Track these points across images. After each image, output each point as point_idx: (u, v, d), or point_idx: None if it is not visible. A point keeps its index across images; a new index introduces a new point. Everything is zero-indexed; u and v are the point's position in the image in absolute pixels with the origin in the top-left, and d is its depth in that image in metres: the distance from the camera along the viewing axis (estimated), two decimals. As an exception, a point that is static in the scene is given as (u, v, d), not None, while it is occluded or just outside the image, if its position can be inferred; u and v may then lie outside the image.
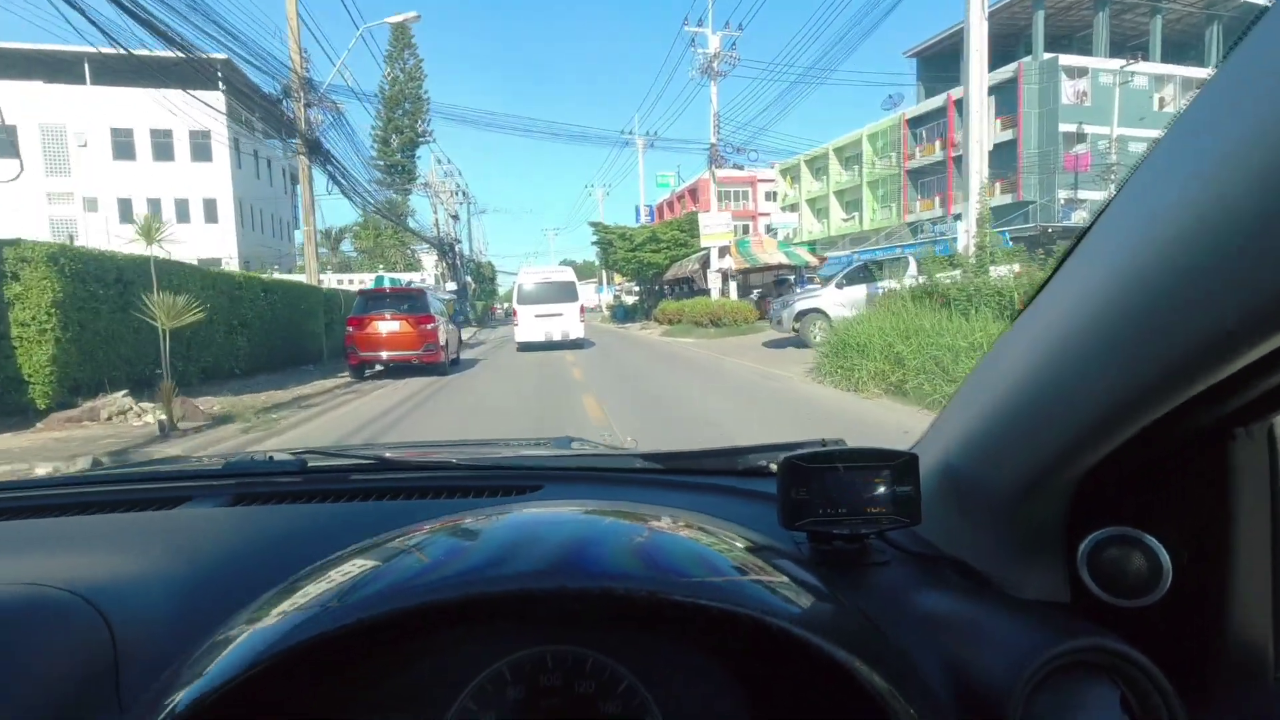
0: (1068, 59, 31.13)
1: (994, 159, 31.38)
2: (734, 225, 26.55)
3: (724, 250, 24.68)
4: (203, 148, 32.34)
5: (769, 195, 49.63)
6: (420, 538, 0.67)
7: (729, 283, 24.84)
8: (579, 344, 17.19)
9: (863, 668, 0.52)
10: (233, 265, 29.54)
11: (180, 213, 33.25)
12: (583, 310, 17.87)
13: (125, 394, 7.32)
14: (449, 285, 35.13)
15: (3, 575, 0.70)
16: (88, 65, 29.41)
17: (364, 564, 0.62)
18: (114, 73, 24.53)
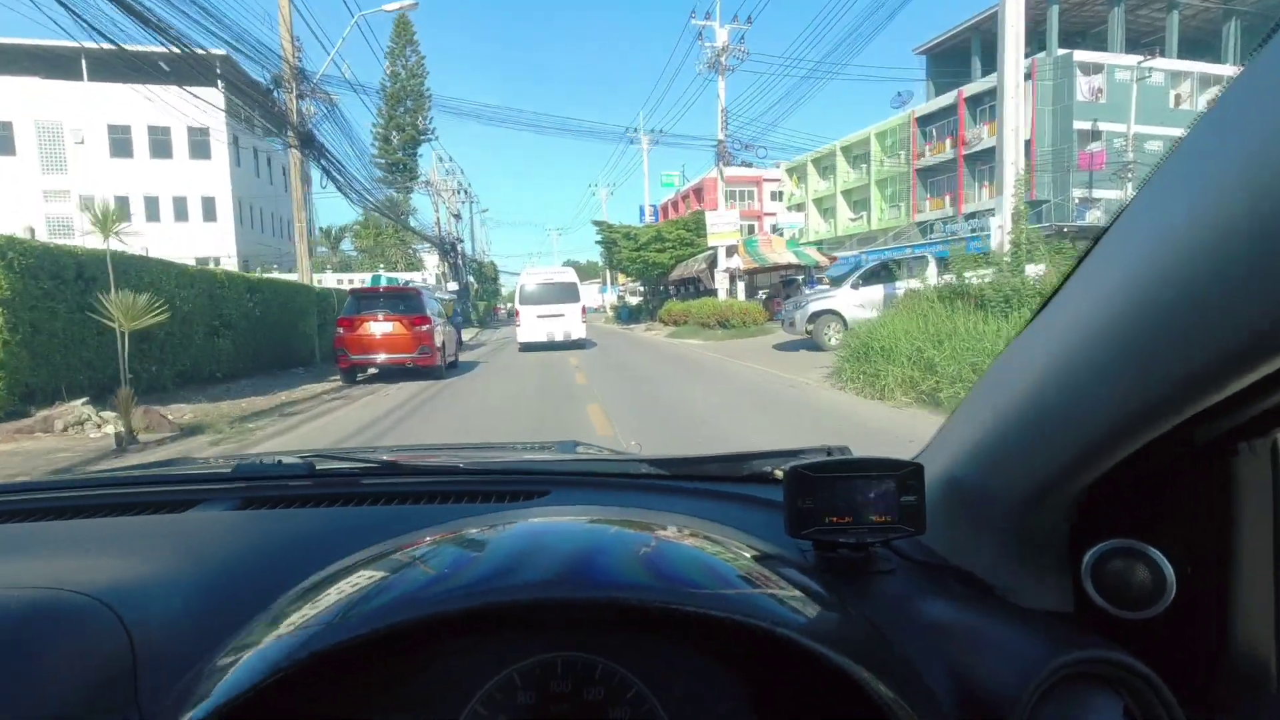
0: (1082, 55, 30.44)
1: (1008, 157, 31.08)
2: (740, 225, 25.94)
3: (732, 250, 24.02)
4: (201, 145, 31.93)
5: (774, 195, 49.08)
6: (429, 548, 0.68)
7: (736, 283, 24.19)
8: (580, 344, 17.31)
9: (869, 677, 0.52)
10: (231, 264, 29.08)
11: (178, 211, 32.93)
12: (584, 311, 18.00)
13: (85, 402, 6.64)
14: (451, 285, 34.61)
15: (18, 578, 0.70)
16: (85, 61, 28.95)
17: (373, 574, 0.62)
18: (111, 69, 24.04)
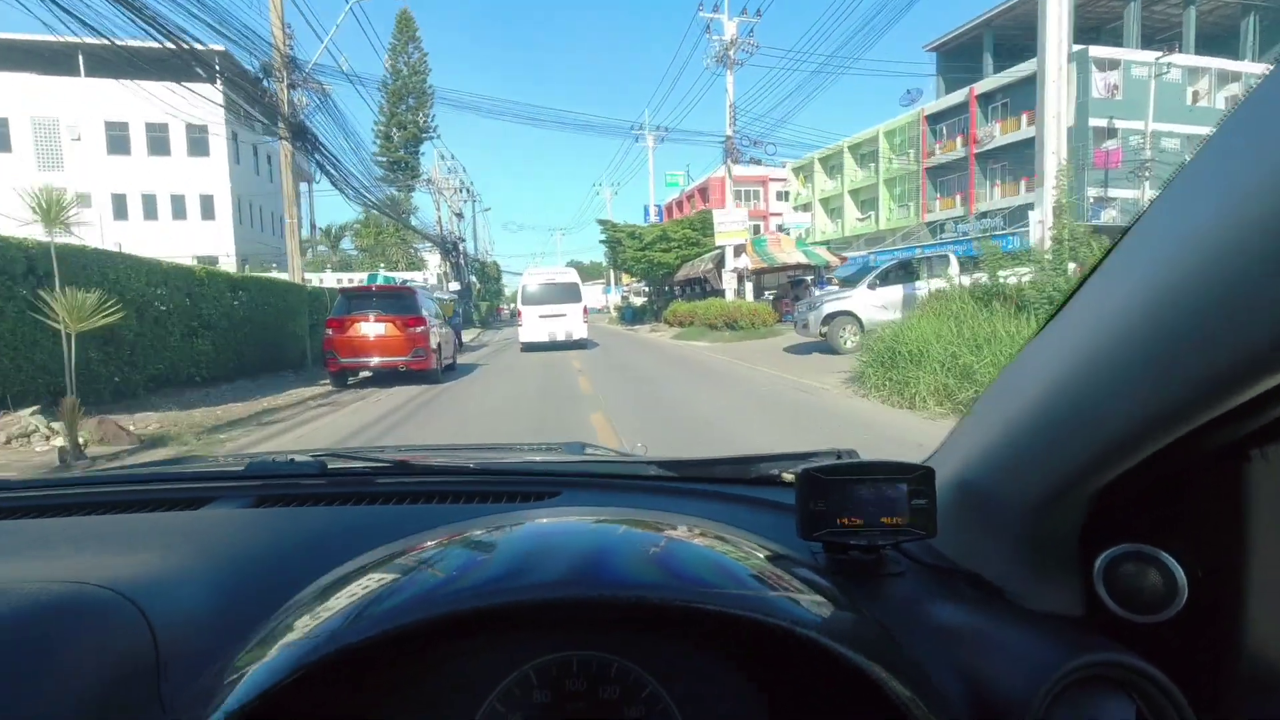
0: (1098, 51, 29.69)
1: (1018, 154, 30.36)
2: (748, 224, 25.27)
3: (740, 249, 23.32)
4: (199, 142, 31.35)
5: (780, 195, 48.36)
6: (442, 548, 0.68)
7: (744, 283, 23.50)
8: (582, 344, 17.23)
9: (887, 676, 0.52)
10: (230, 263, 28.48)
11: (176, 209, 32.35)
12: (586, 311, 17.91)
13: (33, 411, 6.03)
14: (452, 285, 33.99)
15: (39, 573, 0.69)
16: (82, 57, 28.41)
17: (385, 575, 0.62)
18: (108, 65, 23.47)
